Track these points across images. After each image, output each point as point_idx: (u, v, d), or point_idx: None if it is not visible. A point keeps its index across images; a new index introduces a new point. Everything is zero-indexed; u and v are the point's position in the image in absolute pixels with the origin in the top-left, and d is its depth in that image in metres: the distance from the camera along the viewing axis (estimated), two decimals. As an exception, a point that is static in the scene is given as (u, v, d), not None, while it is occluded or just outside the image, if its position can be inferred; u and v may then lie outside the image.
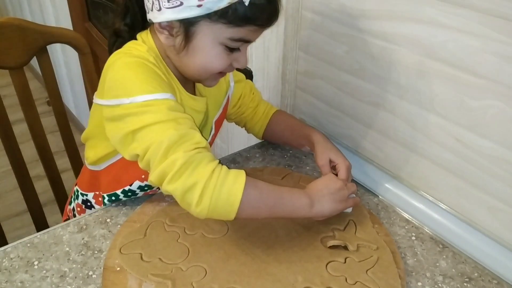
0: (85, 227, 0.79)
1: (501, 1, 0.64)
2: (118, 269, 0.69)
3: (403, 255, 0.75)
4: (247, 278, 0.68)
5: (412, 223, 0.83)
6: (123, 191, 0.82)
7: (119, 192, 0.82)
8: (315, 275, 0.69)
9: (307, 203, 0.70)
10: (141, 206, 0.83)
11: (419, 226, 0.82)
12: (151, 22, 0.71)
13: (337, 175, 0.81)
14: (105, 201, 0.84)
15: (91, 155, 0.83)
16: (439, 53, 0.74)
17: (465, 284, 0.71)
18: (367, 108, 0.91)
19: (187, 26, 0.68)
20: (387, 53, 0.82)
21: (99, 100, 0.73)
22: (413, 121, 0.83)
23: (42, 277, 0.70)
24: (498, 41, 0.66)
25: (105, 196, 0.84)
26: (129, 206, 0.84)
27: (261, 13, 0.67)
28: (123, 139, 0.68)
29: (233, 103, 0.94)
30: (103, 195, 0.84)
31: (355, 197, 0.79)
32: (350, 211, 0.80)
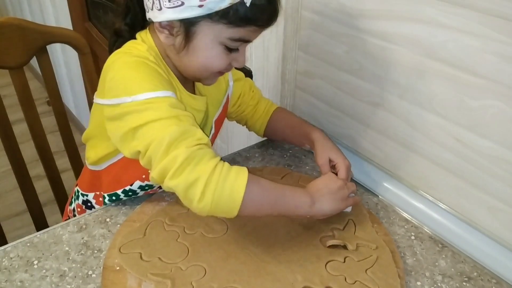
0: (84, 226, 0.79)
1: (501, 1, 0.64)
2: (117, 268, 0.69)
3: (402, 254, 0.75)
4: (246, 277, 0.68)
5: (411, 222, 0.83)
6: (123, 191, 0.82)
7: (119, 192, 0.82)
8: (314, 274, 0.69)
9: (307, 201, 0.70)
10: (140, 205, 0.83)
11: (418, 225, 0.82)
12: (151, 21, 0.71)
13: (337, 174, 0.82)
14: (106, 201, 0.84)
15: (91, 155, 0.83)
16: (439, 53, 0.74)
17: (464, 283, 0.71)
18: (367, 108, 0.91)
19: (188, 26, 0.68)
20: (387, 53, 0.82)
21: (99, 99, 0.73)
22: (413, 121, 0.83)
23: (41, 277, 0.70)
24: (498, 41, 0.66)
25: (106, 196, 0.84)
26: (129, 205, 0.84)
27: (261, 13, 0.68)
28: (124, 137, 0.68)
29: (233, 101, 0.94)
30: (104, 195, 0.84)
31: (355, 196, 0.79)
32: (349, 210, 0.81)
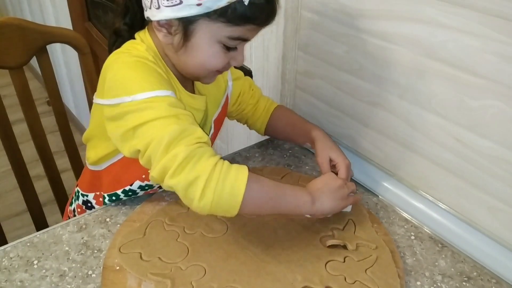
0: (84, 226, 0.79)
1: (501, 1, 0.64)
2: (117, 268, 0.69)
3: (402, 254, 0.75)
4: (246, 277, 0.68)
5: (411, 222, 0.83)
6: (123, 191, 0.82)
7: (119, 192, 0.82)
8: (314, 274, 0.69)
9: (308, 200, 0.70)
10: (140, 205, 0.83)
11: (418, 225, 0.82)
12: (149, 20, 0.71)
13: (337, 173, 0.82)
14: (106, 201, 0.84)
15: (92, 155, 0.83)
16: (439, 53, 0.74)
17: (464, 283, 0.71)
18: (367, 108, 0.91)
19: (186, 24, 0.68)
20: (387, 53, 0.82)
21: (99, 100, 0.73)
22: (413, 121, 0.83)
23: (41, 276, 0.70)
24: (498, 41, 0.66)
25: (106, 196, 0.84)
26: (129, 205, 0.84)
27: (260, 12, 0.68)
28: (124, 136, 0.68)
29: (233, 100, 0.94)
30: (104, 195, 0.84)
31: (355, 195, 0.79)
32: (349, 210, 0.81)
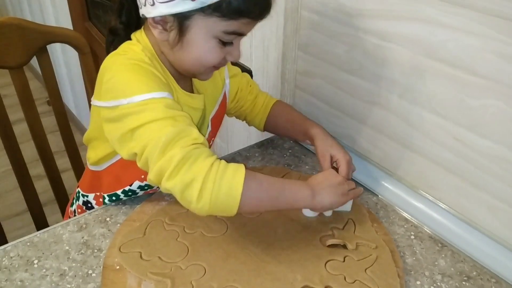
0: (84, 226, 0.79)
1: (501, 0, 0.64)
2: (117, 267, 0.69)
3: (402, 254, 0.75)
4: (246, 277, 0.68)
5: (411, 222, 0.83)
6: (123, 191, 0.82)
7: (119, 192, 0.82)
8: (314, 274, 0.69)
9: (308, 194, 0.70)
10: (140, 205, 0.83)
11: (418, 225, 0.82)
12: (144, 17, 0.71)
13: (337, 170, 0.82)
14: (106, 201, 0.84)
15: (92, 156, 0.83)
16: (439, 53, 0.74)
17: (463, 283, 0.71)
18: (367, 107, 0.91)
19: (181, 20, 0.68)
20: (387, 53, 0.82)
21: (96, 102, 0.73)
22: (413, 121, 0.83)
23: (42, 276, 0.70)
24: (498, 40, 0.66)
25: (106, 196, 0.84)
26: (129, 205, 0.84)
27: (254, 5, 0.67)
28: (121, 138, 0.68)
29: (231, 97, 0.94)
30: (104, 195, 0.84)
31: (356, 188, 0.79)
32: (349, 209, 0.81)
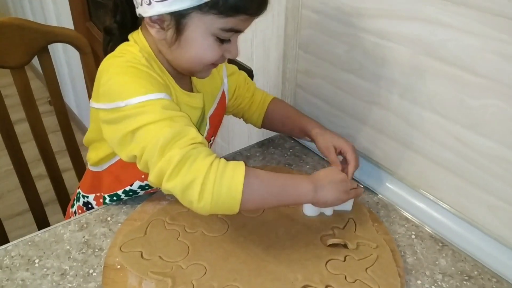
0: (85, 225, 0.80)
1: (501, 0, 0.64)
2: (118, 267, 0.70)
3: (402, 253, 0.75)
4: (246, 276, 0.68)
5: (412, 221, 0.83)
6: (124, 191, 0.82)
7: (120, 192, 0.83)
8: (314, 273, 0.69)
9: (311, 188, 0.70)
10: (141, 204, 0.83)
11: (419, 224, 0.82)
12: (141, 16, 0.71)
13: (344, 158, 0.84)
14: (107, 201, 0.84)
15: (92, 156, 0.83)
16: (439, 52, 0.74)
17: (464, 282, 0.71)
18: (367, 107, 0.91)
19: (178, 18, 0.67)
20: (387, 52, 0.82)
21: (94, 104, 0.73)
22: (413, 120, 0.83)
23: (43, 275, 0.70)
24: (498, 40, 0.66)
25: (107, 196, 0.84)
26: (130, 204, 0.84)
27: (251, 2, 0.67)
28: (121, 141, 0.68)
29: (230, 95, 0.94)
30: (104, 196, 0.84)
31: (357, 188, 0.79)
32: (350, 209, 0.81)
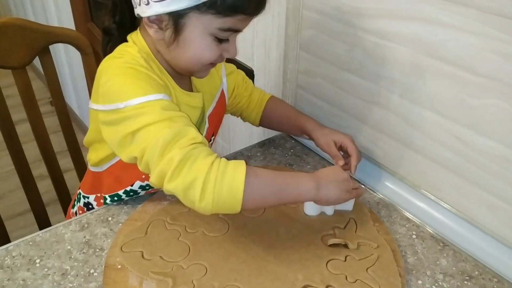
0: (86, 225, 0.80)
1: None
2: (119, 267, 0.70)
3: (403, 253, 0.75)
4: (247, 276, 0.68)
5: (412, 221, 0.83)
6: (124, 191, 0.82)
7: (121, 192, 0.83)
8: (315, 273, 0.69)
9: (313, 186, 0.70)
10: (142, 204, 0.83)
11: (419, 224, 0.82)
12: (139, 17, 0.71)
13: (345, 152, 0.86)
14: (107, 201, 0.84)
15: (93, 157, 0.84)
16: (439, 52, 0.74)
17: (465, 282, 0.71)
18: (368, 107, 0.91)
19: (176, 18, 0.68)
20: (388, 52, 0.82)
21: (94, 105, 0.73)
22: (413, 120, 0.83)
23: (43, 275, 0.70)
24: (498, 39, 0.66)
25: (107, 197, 0.84)
26: (130, 204, 0.84)
27: (249, 1, 0.67)
28: (121, 142, 0.68)
29: (228, 95, 0.94)
30: (105, 196, 0.84)
31: (358, 188, 0.79)
32: (350, 209, 0.81)
